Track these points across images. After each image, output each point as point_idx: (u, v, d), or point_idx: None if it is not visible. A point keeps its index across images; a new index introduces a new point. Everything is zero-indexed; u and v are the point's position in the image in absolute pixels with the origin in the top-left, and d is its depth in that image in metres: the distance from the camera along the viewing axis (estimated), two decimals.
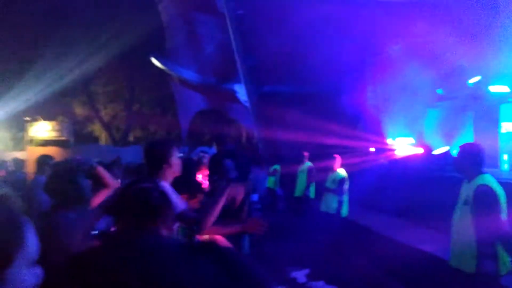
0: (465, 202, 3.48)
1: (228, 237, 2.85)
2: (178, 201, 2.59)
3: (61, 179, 2.79)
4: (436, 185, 7.35)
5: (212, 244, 0.43)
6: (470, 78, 10.54)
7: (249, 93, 14.59)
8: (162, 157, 2.73)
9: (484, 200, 3.31)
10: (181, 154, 7.03)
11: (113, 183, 3.25)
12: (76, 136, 22.99)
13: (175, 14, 16.97)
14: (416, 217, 7.61)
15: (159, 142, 3.10)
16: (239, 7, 13.76)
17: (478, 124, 10.69)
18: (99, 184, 3.23)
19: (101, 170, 3.16)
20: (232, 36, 13.99)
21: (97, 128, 27.86)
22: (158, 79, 21.53)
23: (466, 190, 3.53)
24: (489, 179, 3.45)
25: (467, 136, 10.60)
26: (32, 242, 1.01)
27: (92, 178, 3.30)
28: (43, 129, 20.29)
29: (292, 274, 6.23)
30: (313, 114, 12.06)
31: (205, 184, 4.56)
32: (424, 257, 5.84)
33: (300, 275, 6.21)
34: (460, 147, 3.73)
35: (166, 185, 2.56)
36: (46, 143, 19.46)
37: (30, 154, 16.20)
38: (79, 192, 2.77)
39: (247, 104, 15.04)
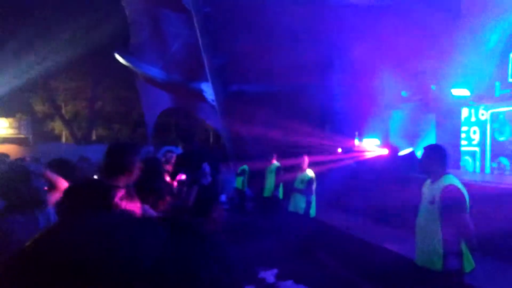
0: (431, 202, 3.53)
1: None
2: None
3: (14, 180, 2.63)
4: (401, 185, 7.50)
5: (190, 224, 0.39)
6: (433, 81, 10.84)
7: (217, 92, 14.47)
8: (125, 165, 2.58)
9: (453, 199, 3.38)
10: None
11: (64, 185, 3.10)
12: (36, 133, 22.20)
13: (140, 10, 16.60)
14: (382, 217, 7.75)
15: (125, 147, 2.90)
16: (206, 5, 13.61)
17: (440, 125, 11.01)
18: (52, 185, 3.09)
19: (49, 174, 3.00)
20: (199, 34, 13.82)
21: (58, 126, 26.99)
22: (122, 76, 21.05)
23: (431, 190, 3.59)
24: (454, 179, 3.52)
25: (430, 138, 10.90)
26: None
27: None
28: (0, 127, 19.50)
29: (261, 274, 6.20)
30: (281, 114, 12.10)
31: (174, 185, 4.44)
32: (391, 256, 5.94)
33: (269, 275, 6.19)
34: (425, 148, 3.79)
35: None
36: (3, 140, 18.74)
37: None
38: (33, 194, 2.62)
39: (215, 103, 14.91)
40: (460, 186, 3.47)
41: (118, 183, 2.52)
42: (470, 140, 10.30)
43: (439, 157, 3.63)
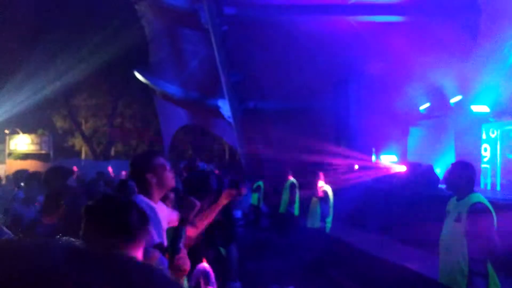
0: (457, 220, 3.44)
1: (216, 243, 2.81)
2: (163, 219, 2.46)
3: None
4: (419, 202, 7.38)
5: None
6: (452, 97, 10.73)
7: (233, 109, 14.56)
8: (140, 169, 2.51)
9: (481, 218, 3.29)
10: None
11: None
12: (56, 149, 22.58)
13: (159, 29, 16.93)
14: (400, 235, 7.61)
15: (140, 154, 3.00)
16: (224, 24, 13.81)
17: (459, 143, 10.85)
18: None
19: None
20: (216, 52, 13.99)
21: (78, 142, 27.44)
22: (141, 93, 21.38)
23: (457, 208, 3.50)
24: (482, 198, 3.44)
25: (449, 155, 10.75)
26: None
27: None
28: (22, 142, 19.89)
29: None
30: (297, 131, 12.10)
31: None
32: (409, 275, 5.81)
33: None
34: (453, 165, 3.72)
35: (144, 200, 2.41)
36: (25, 156, 19.10)
37: (9, 168, 15.83)
38: None
39: (231, 120, 14.99)
40: (488, 204, 3.39)
41: (153, 195, 2.50)
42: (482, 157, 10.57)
43: (467, 175, 3.54)
